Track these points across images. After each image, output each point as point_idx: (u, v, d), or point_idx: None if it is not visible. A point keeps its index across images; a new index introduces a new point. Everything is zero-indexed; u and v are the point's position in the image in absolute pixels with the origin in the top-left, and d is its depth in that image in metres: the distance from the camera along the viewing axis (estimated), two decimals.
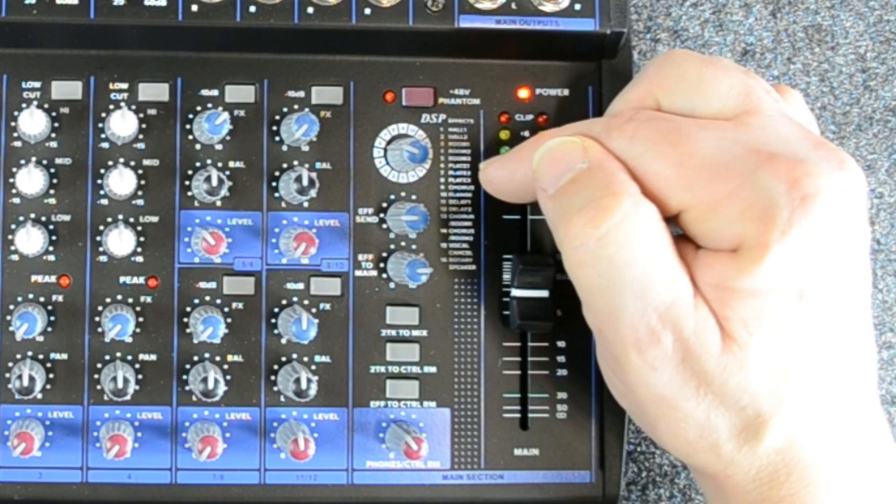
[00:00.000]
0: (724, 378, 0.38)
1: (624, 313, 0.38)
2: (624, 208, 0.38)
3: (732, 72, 0.41)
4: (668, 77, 0.42)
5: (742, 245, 0.37)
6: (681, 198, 0.38)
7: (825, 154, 0.38)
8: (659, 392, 0.39)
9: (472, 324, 0.46)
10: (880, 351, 0.56)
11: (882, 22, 0.56)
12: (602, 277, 0.38)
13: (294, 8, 0.45)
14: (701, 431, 0.39)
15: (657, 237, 0.38)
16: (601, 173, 0.39)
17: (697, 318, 0.38)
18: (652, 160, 0.39)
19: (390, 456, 0.46)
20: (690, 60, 0.41)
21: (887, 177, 0.56)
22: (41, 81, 0.46)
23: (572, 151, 0.40)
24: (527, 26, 0.46)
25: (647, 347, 0.38)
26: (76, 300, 0.45)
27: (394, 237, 0.46)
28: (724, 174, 0.38)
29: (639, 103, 0.42)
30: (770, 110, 0.40)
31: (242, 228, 0.46)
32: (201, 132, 0.45)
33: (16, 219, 0.45)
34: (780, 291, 0.37)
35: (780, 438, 0.38)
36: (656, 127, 0.40)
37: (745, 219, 0.37)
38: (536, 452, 0.46)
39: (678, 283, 0.38)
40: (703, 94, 0.41)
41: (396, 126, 0.47)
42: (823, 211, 0.37)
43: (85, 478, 0.45)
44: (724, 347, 0.37)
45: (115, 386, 0.44)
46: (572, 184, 0.40)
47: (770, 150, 0.38)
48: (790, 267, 0.36)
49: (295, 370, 0.45)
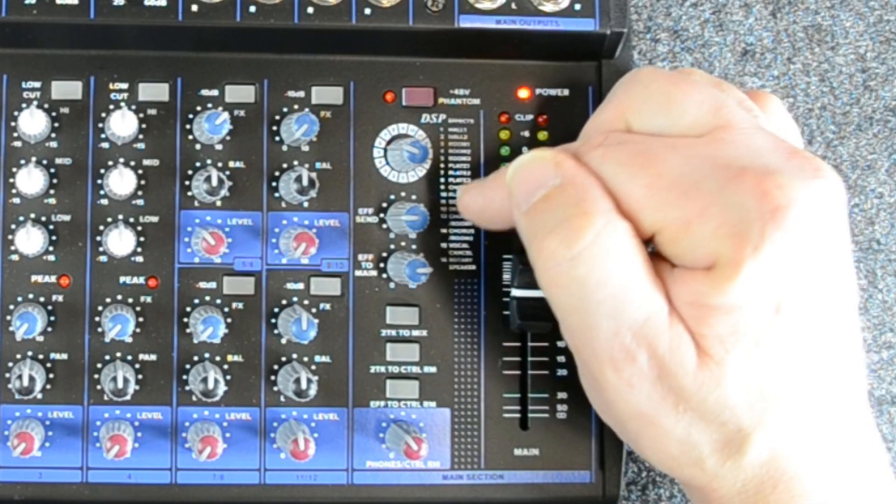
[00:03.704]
0: (701, 394, 0.37)
1: (598, 332, 0.38)
2: (596, 228, 0.38)
3: (701, 87, 0.40)
4: (635, 98, 0.41)
5: (716, 262, 0.37)
6: (653, 219, 0.38)
7: (799, 163, 0.38)
8: (638, 409, 0.39)
9: (472, 324, 0.46)
10: (880, 351, 0.56)
11: (882, 22, 0.56)
12: (575, 297, 0.38)
13: (294, 8, 0.45)
14: (683, 447, 0.39)
15: (630, 256, 0.38)
16: (573, 189, 0.39)
17: (672, 335, 0.37)
18: (623, 182, 0.38)
19: (390, 456, 0.46)
20: (658, 79, 0.41)
21: (887, 177, 0.56)
22: (41, 81, 0.46)
23: (544, 167, 0.40)
24: (527, 26, 0.46)
25: (622, 366, 0.38)
26: (76, 300, 0.45)
27: (394, 237, 0.46)
28: (694, 193, 0.37)
29: (609, 126, 0.42)
30: (742, 123, 0.39)
31: (242, 228, 0.46)
32: (201, 132, 0.45)
33: (16, 219, 0.45)
34: (756, 306, 0.37)
35: (764, 451, 0.38)
36: (624, 150, 0.39)
37: (718, 236, 0.36)
38: (536, 452, 0.46)
39: (652, 301, 0.38)
40: (673, 113, 0.40)
41: (396, 126, 0.47)
42: (796, 222, 0.36)
43: (85, 478, 0.45)
44: (699, 364, 0.37)
45: (115, 386, 0.44)
46: (544, 201, 0.39)
47: (740, 164, 0.37)
48: (765, 281, 0.36)
49: (295, 370, 0.45)
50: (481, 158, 0.47)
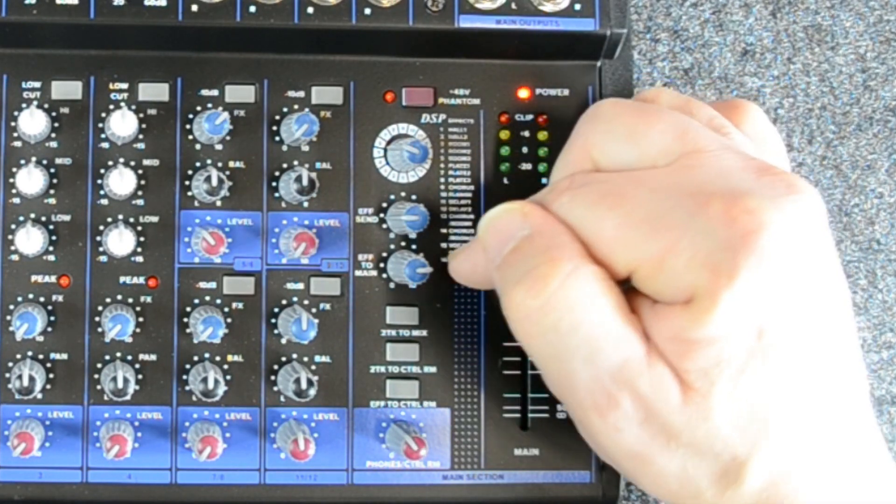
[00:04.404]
0: (690, 429, 0.37)
1: (577, 379, 0.38)
2: (562, 273, 0.37)
3: (664, 114, 0.40)
4: (598, 133, 0.41)
5: (693, 295, 0.36)
6: (627, 259, 0.37)
7: (770, 181, 0.37)
8: (629, 450, 0.38)
9: (472, 324, 0.46)
10: (880, 351, 0.56)
11: (882, 22, 0.56)
12: (549, 346, 0.38)
13: (294, 8, 0.45)
14: (680, 482, 0.38)
15: (600, 298, 0.37)
16: (541, 239, 0.38)
17: (652, 375, 0.37)
18: (591, 225, 0.38)
19: (390, 456, 0.46)
20: (619, 111, 0.40)
21: (887, 177, 0.56)
22: (41, 81, 0.46)
23: (513, 219, 0.40)
24: (527, 26, 0.46)
25: (606, 411, 0.38)
26: (76, 300, 0.45)
27: (394, 237, 0.46)
28: (664, 227, 0.37)
29: (575, 167, 0.41)
30: (709, 146, 0.39)
31: (242, 228, 0.46)
32: (201, 132, 0.45)
33: (16, 219, 0.45)
34: (737, 335, 0.36)
35: (762, 478, 0.37)
36: (591, 191, 0.39)
37: (692, 268, 0.36)
38: (536, 452, 0.46)
39: (627, 342, 0.37)
40: (637, 145, 0.39)
41: (396, 126, 0.47)
42: (769, 245, 0.35)
43: (85, 478, 0.45)
44: (684, 400, 0.37)
45: (115, 386, 0.44)
46: (514, 253, 0.39)
47: (708, 190, 0.37)
48: (744, 309, 0.35)
49: (295, 370, 0.45)
50: (481, 158, 0.47)
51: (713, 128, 0.40)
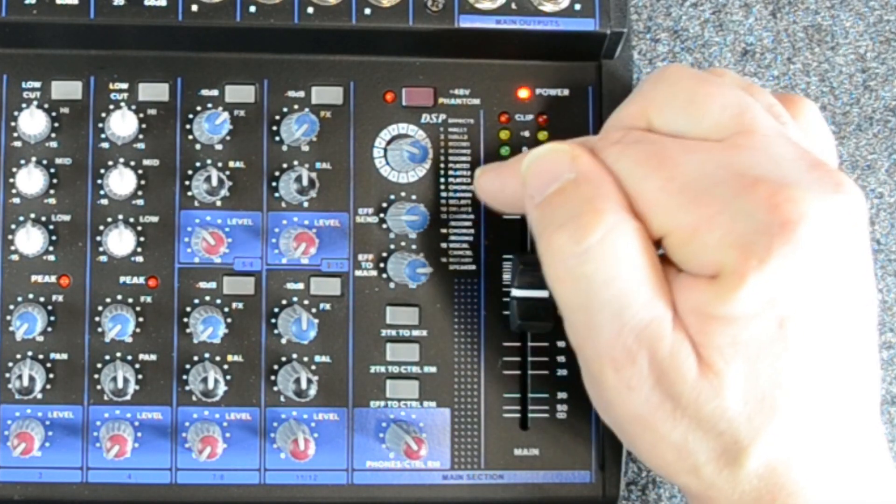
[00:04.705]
0: (699, 403, 0.37)
1: (601, 331, 0.38)
2: (606, 226, 0.37)
3: (728, 90, 0.40)
4: (660, 95, 0.41)
5: (721, 272, 0.36)
6: (662, 222, 0.38)
7: (819, 176, 0.37)
8: (636, 411, 0.38)
9: (472, 324, 0.46)
10: (880, 351, 0.56)
11: (882, 22, 0.56)
12: (580, 295, 0.38)
13: (294, 8, 0.45)
14: (679, 453, 0.38)
15: (638, 257, 0.37)
16: (587, 186, 0.38)
17: (674, 341, 0.37)
18: (636, 182, 0.38)
19: (390, 456, 0.46)
20: (685, 78, 0.40)
21: (887, 177, 0.56)
22: (41, 81, 0.46)
23: (561, 160, 0.40)
24: (527, 26, 0.46)
25: (623, 366, 0.38)
26: (76, 300, 0.45)
27: (394, 237, 0.46)
28: (705, 199, 0.37)
29: (631, 122, 0.41)
30: (765, 130, 0.39)
31: (242, 228, 0.46)
32: (201, 132, 0.45)
33: (16, 219, 0.45)
34: (759, 319, 0.36)
35: (762, 464, 0.37)
36: (641, 149, 0.39)
37: (724, 245, 0.36)
38: (536, 452, 0.46)
39: (657, 304, 0.37)
40: (695, 114, 0.39)
41: (396, 126, 0.47)
42: (807, 237, 0.35)
43: (85, 478, 0.45)
44: (700, 373, 0.37)
45: (115, 386, 0.44)
46: (558, 195, 0.39)
47: (756, 173, 0.37)
48: (769, 295, 0.36)
49: (295, 370, 0.45)
50: (481, 158, 0.47)
51: (772, 115, 0.40)
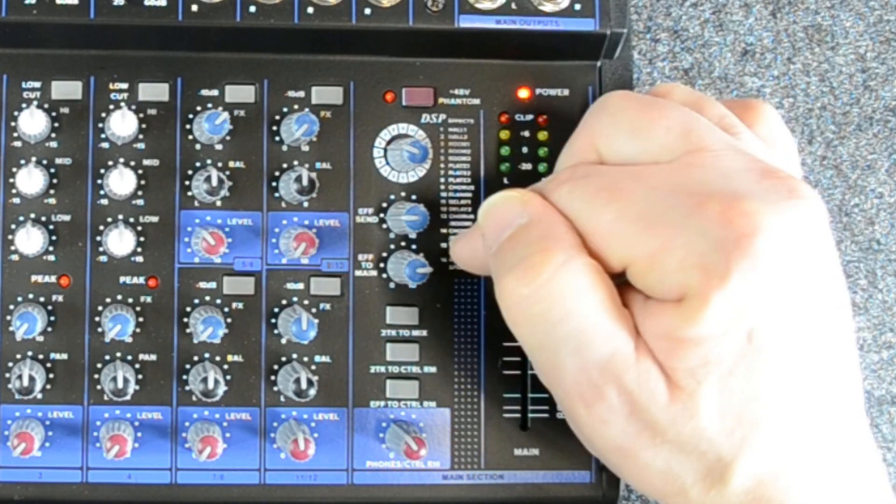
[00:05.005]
0: (676, 427, 0.37)
1: (565, 369, 0.38)
2: (554, 264, 0.37)
3: (671, 111, 0.40)
4: (604, 125, 0.40)
5: (685, 295, 0.36)
6: (621, 254, 0.37)
7: (772, 185, 0.37)
8: (615, 443, 0.38)
9: (472, 324, 0.46)
10: (880, 351, 0.56)
11: (882, 22, 0.56)
12: (538, 335, 0.38)
13: (294, 8, 0.45)
14: (665, 478, 0.38)
15: (591, 291, 0.37)
16: (537, 229, 0.39)
17: (639, 370, 0.37)
18: (589, 218, 0.38)
19: (390, 456, 0.46)
20: (626, 105, 0.40)
21: (887, 177, 0.56)
22: (41, 81, 0.46)
23: (512, 206, 0.40)
24: (527, 26, 0.46)
25: (593, 402, 0.38)
26: (76, 300, 0.45)
27: (394, 237, 0.46)
28: (659, 224, 0.37)
29: (580, 156, 0.41)
30: (714, 145, 0.38)
31: (242, 228, 0.46)
32: (201, 132, 0.45)
33: (16, 219, 0.45)
34: (727, 336, 0.36)
35: (748, 479, 0.37)
36: (590, 184, 0.39)
37: (684, 268, 0.36)
38: (536, 452, 0.46)
39: (617, 336, 0.37)
40: (641, 139, 0.39)
41: (396, 126, 0.47)
42: (764, 248, 0.35)
43: (85, 478, 0.45)
44: (671, 398, 0.37)
45: (115, 386, 0.44)
46: (510, 240, 0.39)
47: (707, 190, 0.36)
48: (734, 311, 0.35)
49: (295, 370, 0.45)
50: (481, 158, 0.47)
51: (723, 126, 0.40)
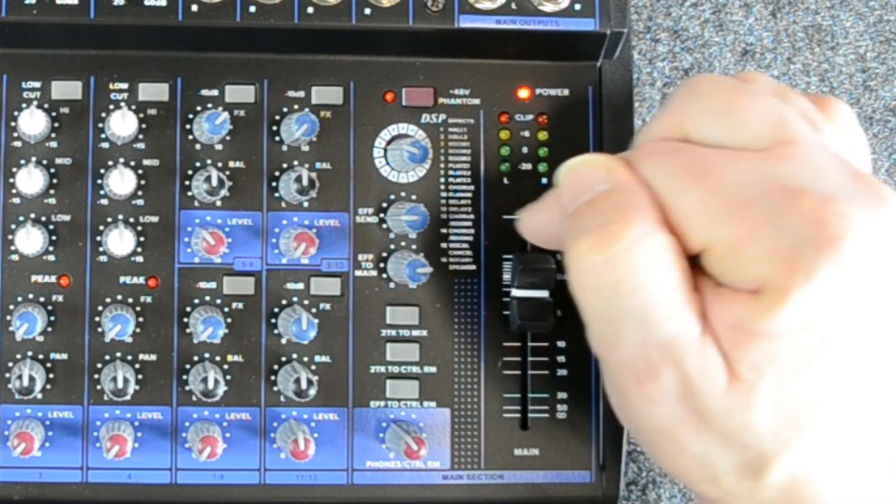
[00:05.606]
0: (726, 417, 0.36)
1: (624, 343, 0.37)
2: (632, 235, 0.36)
3: (764, 98, 0.39)
4: (695, 107, 0.40)
5: (763, 287, 0.35)
6: (702, 236, 0.37)
7: (862, 189, 0.36)
8: (657, 424, 0.38)
9: (472, 324, 0.46)
10: None
11: (882, 22, 0.56)
12: (604, 304, 0.37)
13: (294, 8, 0.45)
14: (700, 463, 0.38)
15: (666, 269, 0.37)
16: (620, 197, 0.38)
17: (702, 356, 0.36)
18: (674, 195, 0.37)
19: (390, 456, 0.46)
20: (718, 88, 0.40)
21: (887, 177, 0.56)
22: (41, 81, 0.46)
23: (596, 171, 0.39)
24: (527, 26, 0.46)
25: (645, 380, 0.37)
26: (76, 300, 0.45)
27: (394, 237, 0.46)
28: (748, 212, 0.36)
29: (666, 134, 0.40)
30: (806, 139, 0.38)
31: (242, 228, 0.46)
32: (201, 132, 0.45)
33: (16, 219, 0.45)
34: (800, 335, 0.35)
35: (784, 476, 0.37)
36: (678, 160, 0.38)
37: (768, 260, 0.35)
38: (536, 452, 0.46)
39: (683, 318, 0.36)
40: (733, 125, 0.38)
41: (396, 126, 0.47)
42: (852, 253, 0.35)
43: (85, 478, 0.45)
44: (729, 387, 0.36)
45: (115, 386, 0.44)
46: (589, 205, 0.38)
47: (799, 185, 0.36)
48: (812, 312, 0.35)
49: (295, 370, 0.45)
50: (481, 158, 0.47)
51: (808, 121, 0.39)
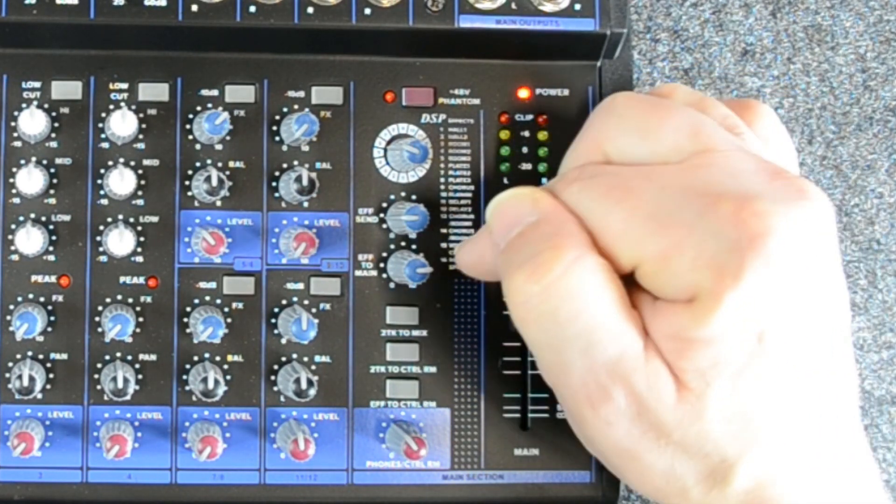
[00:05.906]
0: (682, 428, 0.37)
1: (572, 369, 0.38)
2: (564, 262, 0.37)
3: (678, 111, 0.39)
4: (610, 127, 0.40)
5: (696, 295, 0.36)
6: (631, 253, 0.37)
7: (781, 185, 0.37)
8: (618, 445, 0.38)
9: (472, 324, 0.46)
10: (880, 351, 0.56)
11: (882, 22, 0.56)
12: (546, 333, 0.38)
13: (294, 8, 0.45)
14: (667, 478, 0.38)
15: (602, 290, 0.37)
16: (548, 226, 0.38)
17: (648, 371, 0.37)
18: (599, 218, 0.38)
19: (390, 456, 0.46)
20: (632, 106, 0.40)
21: (887, 177, 0.56)
22: (41, 81, 0.46)
23: (522, 204, 0.39)
24: (527, 26, 0.46)
25: (599, 403, 0.37)
26: (76, 300, 0.45)
27: (394, 237, 0.46)
28: (671, 224, 0.36)
29: (587, 157, 0.41)
30: (722, 145, 0.38)
31: (242, 228, 0.46)
32: (201, 132, 0.45)
33: (16, 219, 0.45)
34: (738, 337, 0.36)
35: (749, 480, 0.37)
36: (600, 183, 0.39)
37: (696, 268, 0.36)
38: (536, 452, 0.46)
39: (625, 337, 0.37)
40: (650, 140, 0.39)
41: (396, 126, 0.47)
42: (777, 249, 0.35)
43: (85, 478, 0.45)
44: (679, 398, 0.37)
45: (115, 386, 0.44)
46: (519, 238, 0.39)
47: (718, 190, 0.36)
48: (746, 312, 0.35)
49: (295, 370, 0.45)
50: (481, 158, 0.47)
51: (726, 127, 0.40)
